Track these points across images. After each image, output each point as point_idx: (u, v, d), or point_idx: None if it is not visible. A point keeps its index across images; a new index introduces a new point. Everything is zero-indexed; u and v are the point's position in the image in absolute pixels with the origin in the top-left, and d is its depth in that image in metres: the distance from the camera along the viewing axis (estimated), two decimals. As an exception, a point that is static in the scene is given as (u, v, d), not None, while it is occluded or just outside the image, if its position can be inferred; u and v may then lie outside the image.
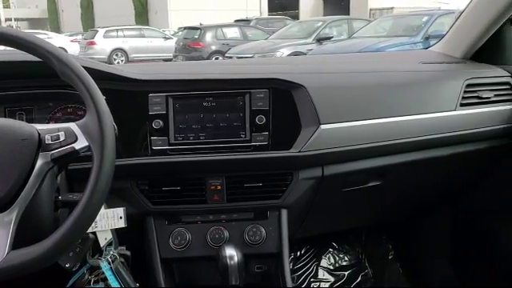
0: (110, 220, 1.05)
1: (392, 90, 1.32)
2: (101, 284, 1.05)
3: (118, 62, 14.60)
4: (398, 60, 1.69)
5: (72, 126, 0.81)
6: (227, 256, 1.13)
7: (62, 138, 0.79)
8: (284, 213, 1.27)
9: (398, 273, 1.95)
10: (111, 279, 1.04)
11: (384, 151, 1.28)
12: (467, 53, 1.54)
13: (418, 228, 1.94)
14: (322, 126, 1.19)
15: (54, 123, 0.97)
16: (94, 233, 1.03)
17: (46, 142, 0.79)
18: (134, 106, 1.15)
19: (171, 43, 14.94)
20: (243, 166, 1.20)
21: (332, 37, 10.30)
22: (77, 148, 0.79)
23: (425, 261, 1.93)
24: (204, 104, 1.18)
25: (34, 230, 0.80)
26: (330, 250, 1.96)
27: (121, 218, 1.06)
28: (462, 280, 1.81)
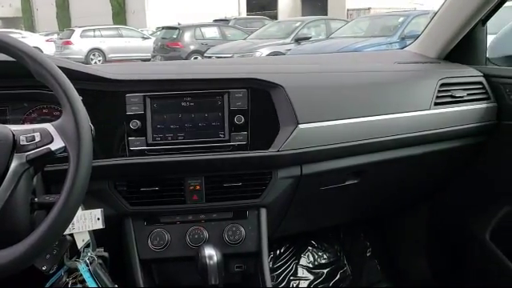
0: (88, 221, 1.04)
1: (368, 90, 1.34)
2: (79, 286, 1.04)
3: (96, 62, 14.41)
4: (375, 60, 1.72)
5: (48, 126, 0.80)
6: (206, 256, 1.13)
7: (37, 139, 0.78)
8: (263, 212, 1.27)
9: (375, 269, 1.98)
10: (89, 281, 1.02)
11: (361, 150, 1.30)
12: (441, 53, 1.57)
13: (394, 225, 1.97)
14: (300, 126, 1.20)
15: (29, 124, 0.96)
16: (72, 234, 1.02)
17: (21, 143, 0.78)
18: (112, 107, 1.14)
19: (149, 43, 14.81)
20: (222, 165, 1.20)
21: (310, 37, 10.36)
22: (53, 149, 0.78)
23: (402, 257, 1.96)
24: (182, 104, 1.17)
25: (10, 233, 0.78)
26: (309, 248, 1.98)
27: (98, 219, 1.05)
28: (438, 274, 1.85)
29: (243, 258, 1.30)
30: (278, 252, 1.94)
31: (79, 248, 1.04)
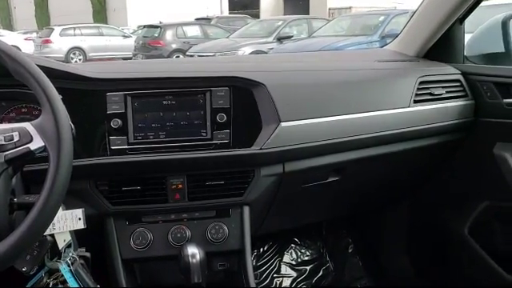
0: (69, 222, 1.03)
1: (349, 88, 1.35)
2: (60, 286, 1.03)
3: (76, 61, 14.25)
4: (355, 58, 1.74)
5: (27, 125, 0.79)
6: (189, 254, 1.13)
7: (16, 139, 0.77)
8: (246, 210, 1.27)
9: (357, 265, 2.00)
10: (71, 281, 1.01)
11: (342, 147, 1.32)
12: (420, 51, 1.60)
13: (376, 221, 1.99)
14: (282, 124, 1.20)
15: (8, 123, 0.95)
16: (52, 235, 1.01)
17: None
18: (92, 105, 1.13)
19: (130, 42, 14.70)
20: (204, 164, 1.20)
21: (292, 36, 10.41)
22: (32, 148, 0.77)
23: (383, 253, 1.99)
24: (164, 102, 1.17)
25: (-12, 234, 0.77)
26: (293, 245, 1.99)
27: (80, 219, 1.04)
28: (419, 270, 1.88)
29: (226, 256, 1.30)
30: (261, 250, 1.95)
31: (60, 248, 1.03)
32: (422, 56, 1.61)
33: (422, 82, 1.44)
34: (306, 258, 1.98)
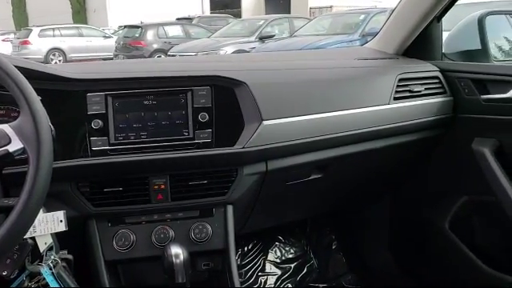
0: (50, 224, 1.02)
1: (330, 86, 1.36)
2: (42, 290, 1.02)
3: (56, 62, 14.04)
4: (336, 57, 1.75)
5: (5, 127, 0.78)
6: (172, 255, 1.12)
7: None
8: (230, 209, 1.27)
9: (341, 262, 2.02)
10: (53, 284, 1.00)
11: (324, 145, 1.33)
12: (399, 49, 1.62)
13: (358, 218, 2.01)
14: (265, 122, 1.21)
15: None
16: (33, 238, 1.00)
17: None
18: (72, 106, 1.12)
19: (111, 42, 14.56)
20: (187, 163, 1.19)
21: (274, 35, 10.43)
22: (11, 151, 0.76)
23: (366, 249, 2.01)
24: (145, 102, 1.16)
25: (-33, 238, 0.76)
26: (277, 243, 2.00)
27: (61, 221, 1.03)
28: (400, 264, 1.90)
29: (210, 256, 1.29)
30: (245, 249, 1.95)
31: (41, 251, 1.02)
32: (401, 54, 1.63)
33: (401, 80, 1.46)
34: (291, 256, 1.99)
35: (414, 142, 1.52)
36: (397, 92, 1.44)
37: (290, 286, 1.93)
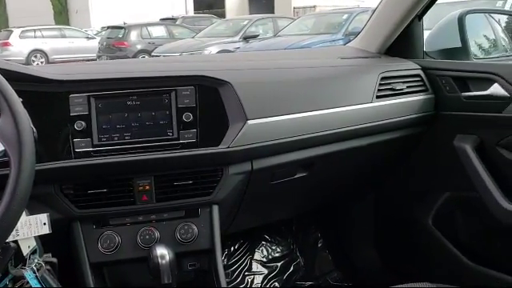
0: (33, 227, 1.01)
1: (313, 85, 1.37)
2: (26, 293, 1.01)
3: (38, 64, 13.84)
4: (319, 56, 1.76)
5: None
6: (158, 255, 1.12)
7: None
8: (215, 209, 1.27)
9: (327, 259, 2.04)
10: (37, 288, 0.99)
11: (308, 143, 1.33)
12: (381, 47, 1.63)
13: (343, 216, 2.03)
14: (249, 122, 1.21)
15: None
16: (16, 241, 0.98)
17: None
18: (55, 108, 1.11)
19: (94, 43, 14.44)
20: (172, 164, 1.19)
21: (258, 35, 10.45)
22: (-9, 153, 0.76)
23: (351, 246, 2.03)
24: (128, 103, 1.15)
25: None
26: (263, 242, 2.00)
27: (45, 224, 1.02)
28: (385, 260, 1.92)
29: (196, 256, 1.29)
30: (232, 248, 1.95)
31: (25, 255, 1.01)
32: (383, 52, 1.64)
33: (383, 78, 1.47)
34: (277, 255, 2.00)
35: (396, 140, 1.53)
36: (379, 90, 1.45)
37: (276, 284, 1.93)
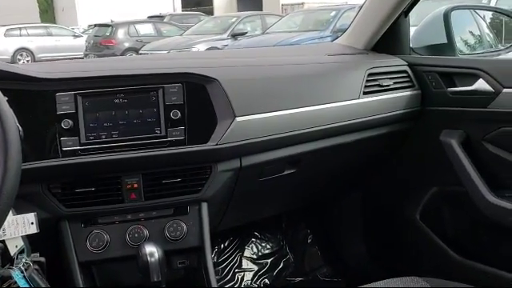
0: (20, 227, 1.00)
1: (301, 82, 1.37)
2: (13, 293, 1.00)
3: (24, 63, 13.69)
4: (307, 53, 1.76)
5: None
6: (147, 253, 1.11)
7: None
8: (204, 206, 1.27)
9: (316, 255, 2.05)
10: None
11: (296, 140, 1.34)
12: (368, 44, 1.64)
13: (332, 212, 2.04)
14: (237, 119, 1.21)
15: None
16: (3, 241, 0.98)
17: None
18: (41, 106, 1.10)
19: (81, 41, 14.31)
20: (160, 162, 1.19)
21: (247, 32, 10.43)
22: (-24, 152, 0.75)
23: (340, 241, 2.04)
24: (115, 101, 1.15)
25: None
26: (253, 239, 2.01)
27: (32, 223, 1.02)
28: (374, 255, 1.94)
29: (186, 254, 1.29)
30: (222, 246, 1.95)
31: (12, 255, 1.00)
32: (370, 49, 1.65)
33: (370, 74, 1.48)
34: (267, 252, 2.01)
35: (384, 136, 1.55)
36: (366, 87, 1.46)
37: (266, 281, 1.94)
